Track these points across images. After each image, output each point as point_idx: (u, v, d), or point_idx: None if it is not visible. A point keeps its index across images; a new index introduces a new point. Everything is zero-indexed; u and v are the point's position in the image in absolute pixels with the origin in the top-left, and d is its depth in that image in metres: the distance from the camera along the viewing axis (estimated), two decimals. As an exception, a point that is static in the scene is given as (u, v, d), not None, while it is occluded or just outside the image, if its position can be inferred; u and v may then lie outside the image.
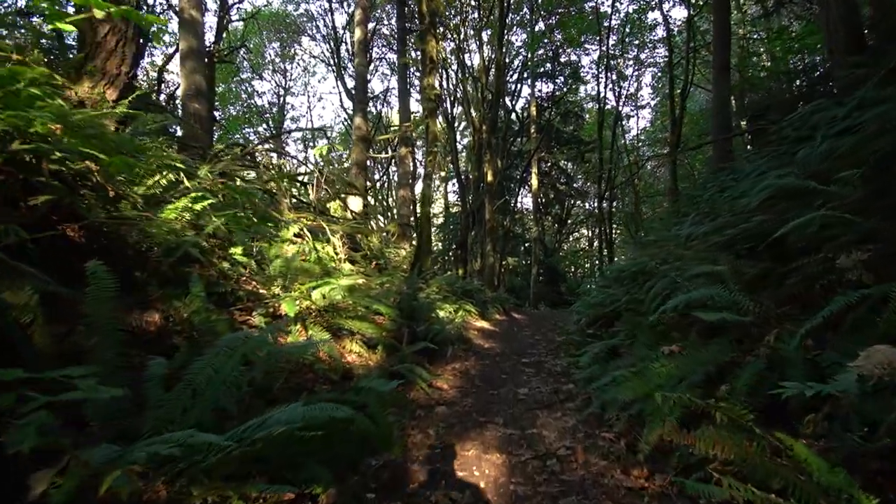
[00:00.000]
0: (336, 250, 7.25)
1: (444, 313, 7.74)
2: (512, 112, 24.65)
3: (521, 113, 24.98)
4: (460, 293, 10.69)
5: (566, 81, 23.52)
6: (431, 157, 8.54)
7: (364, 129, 11.72)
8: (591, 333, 5.71)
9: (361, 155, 11.58)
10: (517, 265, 26.28)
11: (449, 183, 30.01)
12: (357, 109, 11.79)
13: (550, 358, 6.31)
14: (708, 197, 9.19)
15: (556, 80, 23.09)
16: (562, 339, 8.03)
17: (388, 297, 6.04)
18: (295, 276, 4.35)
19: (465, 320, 9.50)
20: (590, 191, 26.71)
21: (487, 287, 15.27)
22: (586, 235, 33.51)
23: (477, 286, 13.49)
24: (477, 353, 6.74)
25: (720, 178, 10.10)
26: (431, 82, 8.21)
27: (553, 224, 27.62)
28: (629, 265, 6.88)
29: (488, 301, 12.49)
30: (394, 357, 4.57)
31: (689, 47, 12.79)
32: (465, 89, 15.98)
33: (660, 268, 5.05)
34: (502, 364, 6.00)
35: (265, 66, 24.79)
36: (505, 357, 6.50)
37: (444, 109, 23.37)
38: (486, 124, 14.03)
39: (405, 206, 16.10)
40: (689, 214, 10.22)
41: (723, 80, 12.72)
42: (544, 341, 8.09)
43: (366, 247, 9.01)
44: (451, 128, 22.34)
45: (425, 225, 8.44)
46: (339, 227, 7.38)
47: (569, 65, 23.27)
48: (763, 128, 8.64)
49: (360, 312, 4.60)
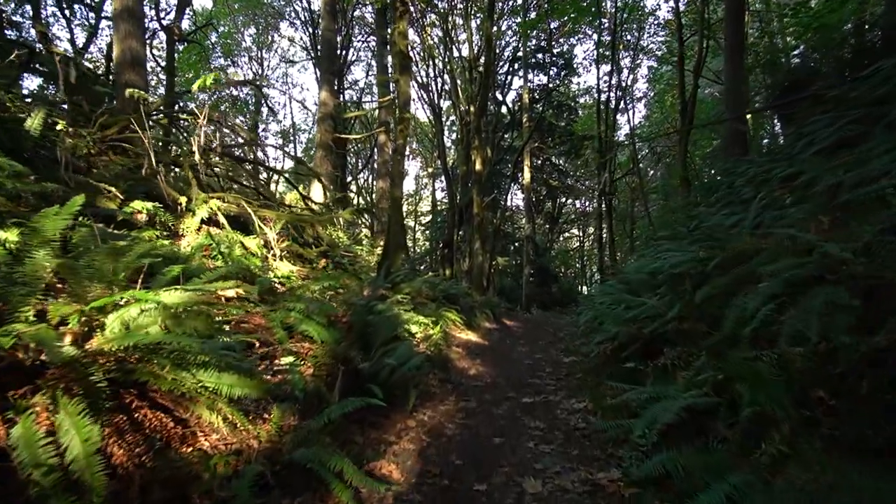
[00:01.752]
0: (270, 244, 5.16)
1: (416, 328, 5.68)
2: (503, 104, 22.71)
3: (513, 105, 23.03)
4: (442, 298, 8.63)
5: (559, 73, 21.60)
6: (403, 125, 6.49)
7: (330, 105, 9.62)
8: (631, 367, 3.67)
9: (327, 135, 9.48)
10: (507, 265, 24.31)
11: (437, 180, 27.95)
12: (323, 81, 9.69)
13: (564, 396, 4.27)
14: (744, 181, 7.25)
15: (549, 71, 21.14)
16: (569, 360, 6.01)
17: (329, 311, 3.97)
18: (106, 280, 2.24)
19: (448, 332, 7.45)
20: (583, 188, 24.84)
21: (476, 289, 13.23)
22: (577, 235, 31.64)
23: (464, 289, 11.44)
24: (458, 386, 4.68)
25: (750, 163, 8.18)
26: (403, 30, 6.15)
27: (544, 223, 25.67)
28: (662, 265, 4.88)
29: (476, 306, 10.45)
30: (307, 426, 2.49)
31: (703, 17, 10.87)
32: (451, 69, 13.90)
33: (761, 269, 3.03)
34: (494, 409, 3.95)
35: (240, 53, 22.53)
36: (498, 393, 4.45)
37: (431, 100, 21.37)
38: (474, 106, 12.00)
39: (386, 198, 14.01)
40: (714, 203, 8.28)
41: (736, 59, 10.83)
42: (548, 362, 6.06)
43: (325, 242, 6.92)
44: (437, 120, 20.29)
45: (395, 213, 6.39)
46: (273, 215, 5.28)
47: (562, 55, 21.35)
48: (820, 93, 6.72)
49: (228, 358, 2.50)
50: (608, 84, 16.37)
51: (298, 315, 3.73)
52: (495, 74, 18.88)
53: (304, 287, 4.40)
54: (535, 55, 21.18)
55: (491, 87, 14.55)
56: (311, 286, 4.52)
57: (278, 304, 3.82)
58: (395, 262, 6.36)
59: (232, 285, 3.07)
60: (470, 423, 3.54)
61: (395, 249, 6.38)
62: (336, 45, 10.62)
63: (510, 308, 14.56)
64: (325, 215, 6.44)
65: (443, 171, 20.66)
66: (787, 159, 6.62)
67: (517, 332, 9.63)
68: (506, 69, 22.02)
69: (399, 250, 6.42)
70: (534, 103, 20.55)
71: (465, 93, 13.70)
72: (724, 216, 6.28)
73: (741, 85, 10.74)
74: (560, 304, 22.29)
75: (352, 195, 24.49)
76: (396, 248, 6.39)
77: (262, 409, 2.61)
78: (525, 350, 7.15)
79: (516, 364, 6.01)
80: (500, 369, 5.59)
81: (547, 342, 8.06)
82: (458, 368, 5.51)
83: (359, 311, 4.34)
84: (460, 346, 6.89)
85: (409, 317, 5.60)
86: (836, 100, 6.24)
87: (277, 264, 5.20)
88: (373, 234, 14.97)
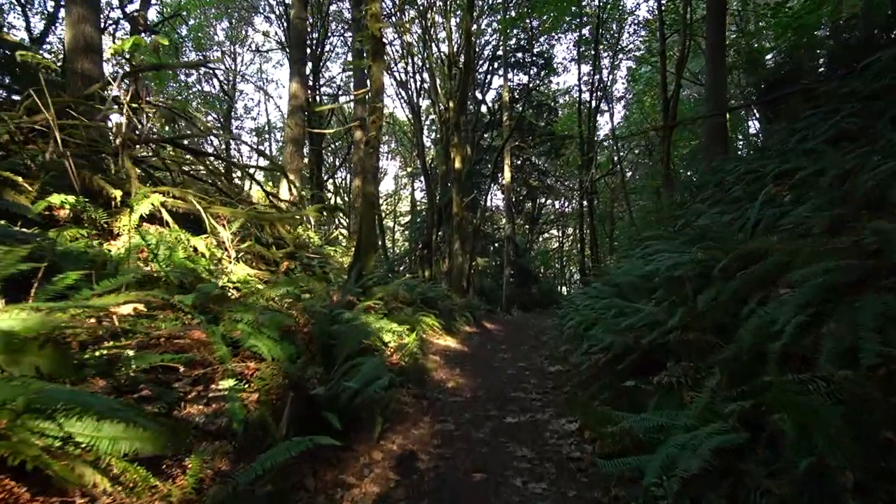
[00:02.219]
0: (224, 245, 4.55)
1: (390, 336, 5.13)
2: (482, 104, 22.32)
3: (493, 104, 22.66)
4: (420, 302, 8.10)
5: (539, 73, 21.28)
6: (375, 116, 5.93)
7: (301, 97, 8.98)
8: (630, 386, 3.20)
9: (297, 129, 8.84)
10: (487, 266, 23.91)
11: (416, 180, 27.37)
12: (293, 72, 9.04)
13: (552, 414, 3.79)
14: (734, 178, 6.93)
15: (529, 70, 20.81)
16: (555, 369, 5.55)
17: (282, 322, 3.40)
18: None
19: (425, 339, 6.92)
20: (563, 188, 24.63)
21: (455, 291, 12.73)
22: (556, 236, 31.45)
23: (443, 291, 10.94)
24: (435, 402, 4.16)
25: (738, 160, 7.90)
26: (375, 11, 5.60)
27: (524, 223, 25.36)
28: (657, 267, 4.46)
29: (456, 309, 9.96)
30: (237, 477, 1.93)
31: (685, 15, 10.61)
32: (431, 66, 13.39)
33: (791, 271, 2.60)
34: (475, 432, 3.43)
35: (211, 48, 21.53)
36: (479, 410, 3.95)
37: (410, 98, 20.80)
38: (454, 102, 11.50)
39: (361, 198, 13.40)
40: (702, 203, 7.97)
41: (717, 56, 10.64)
42: (532, 371, 5.58)
43: (292, 243, 6.31)
44: (416, 118, 19.75)
45: (368, 211, 5.83)
46: (227, 212, 4.67)
47: (542, 55, 21.03)
48: (810, 88, 6.43)
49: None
50: (590, 82, 16.07)
51: (247, 327, 3.16)
52: (475, 72, 18.43)
53: (259, 294, 3.81)
54: (514, 54, 20.83)
55: (471, 83, 14.09)
56: (269, 292, 3.93)
57: (223, 314, 3.23)
58: (367, 264, 5.80)
59: (133, 297, 2.47)
60: (447, 452, 3.02)
61: (368, 250, 5.81)
62: (306, 33, 9.98)
63: (490, 310, 14.12)
64: (288, 213, 5.82)
65: (422, 171, 20.12)
66: (779, 156, 6.32)
67: (498, 337, 9.18)
68: (486, 68, 21.62)
69: (372, 251, 5.85)
70: (514, 102, 20.19)
71: (445, 89, 13.21)
72: (715, 215, 5.93)
73: (722, 83, 10.52)
74: (540, 305, 21.95)
75: (329, 195, 23.75)
76: (369, 248, 5.82)
77: (183, 453, 2.04)
78: (507, 357, 6.68)
79: (498, 373, 5.52)
80: (481, 380, 5.09)
81: (529, 347, 7.62)
82: (436, 381, 4.99)
83: (321, 321, 3.78)
84: (438, 354, 6.38)
85: (381, 324, 5.05)
86: (828, 94, 5.96)
87: (234, 267, 4.59)
88: (350, 234, 14.34)
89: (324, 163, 19.35)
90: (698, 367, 3.02)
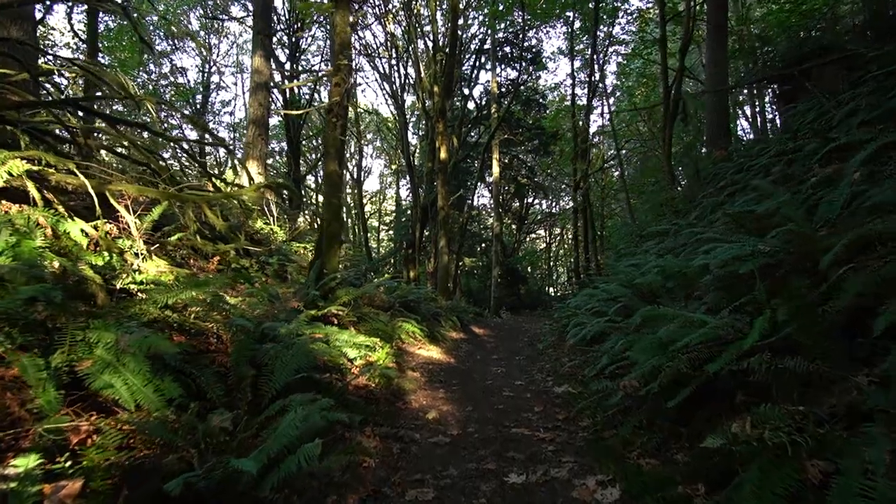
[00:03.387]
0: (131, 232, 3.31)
1: (355, 352, 3.92)
2: (469, 98, 21.23)
3: (480, 99, 21.61)
4: (399, 305, 6.90)
5: (527, 68, 20.22)
6: (340, 76, 4.74)
7: (265, 72, 7.72)
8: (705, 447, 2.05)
9: (260, 109, 7.58)
10: (475, 266, 22.80)
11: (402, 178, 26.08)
12: (256, 45, 7.78)
13: (574, 468, 2.62)
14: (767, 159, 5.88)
15: (518, 65, 19.72)
16: (562, 389, 4.40)
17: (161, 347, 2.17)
18: None
19: (404, 350, 5.74)
20: (552, 186, 23.67)
21: (440, 293, 11.55)
22: (543, 237, 30.44)
23: (427, 293, 9.75)
24: (409, 447, 2.98)
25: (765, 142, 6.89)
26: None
27: (511, 222, 24.29)
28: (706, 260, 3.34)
29: (441, 313, 8.78)
30: None
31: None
32: (415, 55, 12.18)
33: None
34: None
35: (184, 37, 19.98)
36: (469, 459, 2.77)
37: (394, 91, 19.57)
38: (438, 87, 10.32)
39: (339, 192, 12.13)
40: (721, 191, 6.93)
41: (719, 39, 9.71)
42: (534, 393, 4.42)
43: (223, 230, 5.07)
44: (400, 111, 18.56)
45: (331, 192, 4.62)
46: (133, 191, 3.43)
47: (530, 49, 19.97)
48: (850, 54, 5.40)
49: None
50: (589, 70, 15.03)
51: (106, 355, 1.94)
52: (461, 62, 17.30)
53: (153, 300, 2.58)
54: (502, 48, 19.77)
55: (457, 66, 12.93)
56: (173, 297, 2.70)
57: (77, 334, 2.01)
58: (330, 261, 4.58)
59: None
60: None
61: (332, 243, 4.59)
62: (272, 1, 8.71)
63: (478, 313, 12.95)
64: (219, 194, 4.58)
65: (406, 167, 18.92)
66: (816, 133, 5.30)
67: (489, 344, 8.02)
68: (472, 62, 20.54)
69: (336, 244, 4.62)
70: (501, 98, 19.11)
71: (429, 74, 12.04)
72: (749, 202, 4.86)
73: (724, 66, 9.55)
74: (528, 307, 20.87)
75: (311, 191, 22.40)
76: (333, 241, 4.60)
77: None
78: (501, 371, 5.51)
79: (492, 395, 4.35)
80: (471, 408, 3.92)
81: (525, 358, 6.47)
82: (413, 410, 3.81)
83: (243, 341, 2.57)
84: (420, 369, 5.19)
85: (344, 338, 3.84)
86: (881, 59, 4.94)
87: (143, 264, 3.35)
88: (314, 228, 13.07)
89: (303, 157, 17.95)
90: (809, 415, 1.90)
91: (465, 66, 20.06)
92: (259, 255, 5.63)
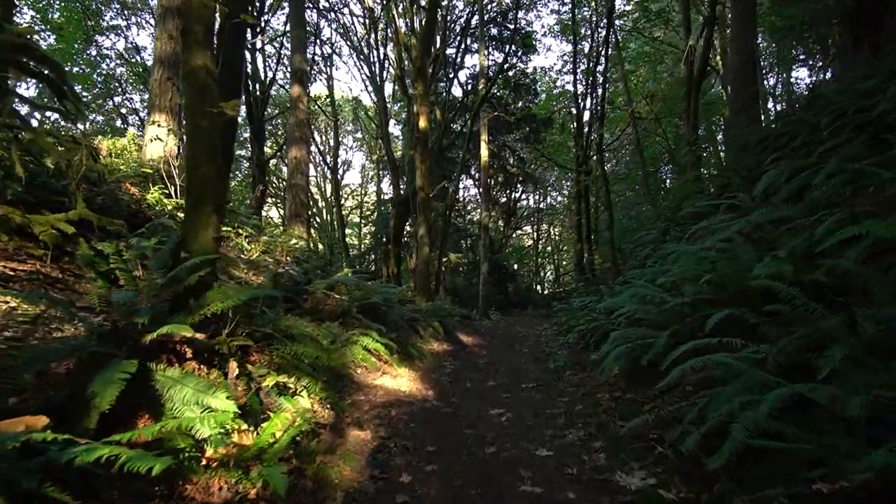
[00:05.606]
0: None
1: (211, 425, 1.76)
2: (454, 81, 19.14)
3: (466, 85, 19.54)
4: (356, 312, 4.72)
5: (517, 51, 18.10)
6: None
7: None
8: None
9: (170, 43, 5.33)
10: (460, 262, 20.67)
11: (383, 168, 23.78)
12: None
13: None
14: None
15: (506, 48, 17.59)
16: (637, 481, 2.28)
17: None
18: None
19: (356, 381, 3.58)
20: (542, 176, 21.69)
21: (420, 292, 9.38)
22: (530, 234, 28.41)
23: (401, 292, 7.58)
24: None
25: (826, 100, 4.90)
26: None
27: (498, 218, 22.20)
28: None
29: (419, 318, 6.61)
30: None
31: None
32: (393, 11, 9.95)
33: None
34: None
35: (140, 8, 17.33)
36: None
37: (373, 73, 17.31)
38: (417, 40, 8.18)
39: (300, 171, 9.87)
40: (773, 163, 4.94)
41: (747, 8, 7.79)
42: (579, 489, 2.30)
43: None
44: (379, 94, 16.39)
45: (197, 105, 2.40)
46: None
47: (519, 31, 17.85)
48: None
49: None
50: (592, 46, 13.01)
51: None
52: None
53: None
54: (489, 28, 17.65)
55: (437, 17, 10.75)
56: None
57: None
58: (199, 235, 2.40)
59: None
60: None
61: (200, 203, 2.40)
62: None
63: (465, 315, 10.79)
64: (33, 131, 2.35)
65: (386, 155, 16.72)
66: None
67: (481, 361, 5.85)
68: (458, 44, 18.41)
69: (207, 207, 2.42)
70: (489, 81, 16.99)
71: (407, 16, 9.85)
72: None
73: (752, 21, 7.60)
74: (519, 307, 18.78)
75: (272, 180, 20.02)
76: (202, 199, 2.40)
77: None
78: (506, 419, 3.36)
79: (499, 485, 2.22)
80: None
81: (536, 388, 4.31)
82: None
83: None
84: (373, 420, 3.03)
85: (183, 395, 1.67)
86: None
87: None
88: (285, 219, 10.79)
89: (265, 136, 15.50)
90: None
91: (448, 48, 17.92)
92: (121, 233, 3.40)
